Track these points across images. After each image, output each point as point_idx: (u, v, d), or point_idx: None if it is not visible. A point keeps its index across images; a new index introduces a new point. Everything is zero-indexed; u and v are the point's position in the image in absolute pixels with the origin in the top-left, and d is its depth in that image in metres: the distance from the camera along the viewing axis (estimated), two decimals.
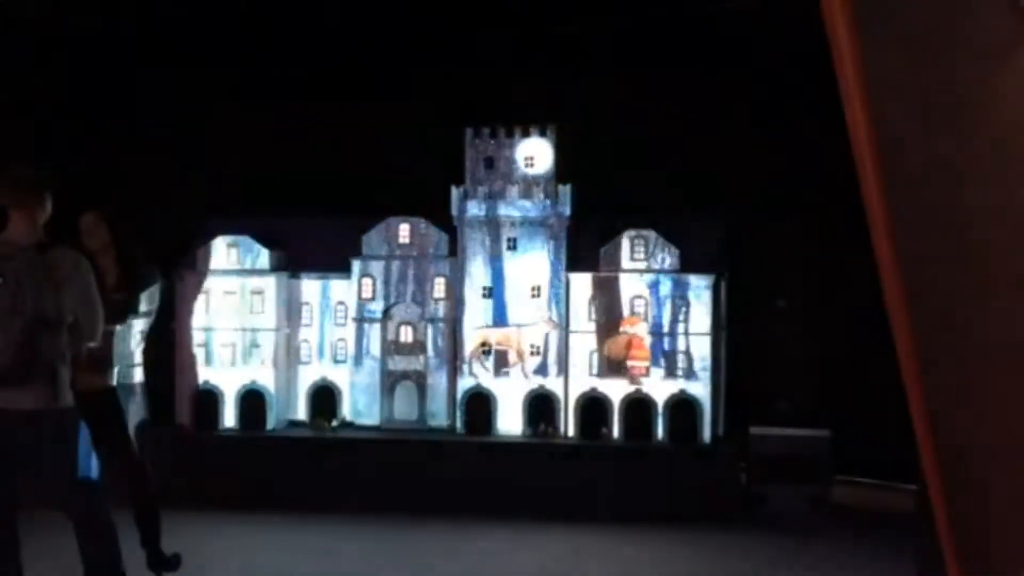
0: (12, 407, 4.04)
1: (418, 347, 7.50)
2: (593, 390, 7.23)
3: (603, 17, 7.58)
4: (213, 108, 8.05)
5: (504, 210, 7.34)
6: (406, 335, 7.52)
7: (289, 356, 7.64)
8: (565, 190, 7.30)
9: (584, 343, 7.26)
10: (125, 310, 4.92)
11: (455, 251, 7.43)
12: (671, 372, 7.12)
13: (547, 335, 7.31)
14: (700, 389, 7.11)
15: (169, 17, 7.74)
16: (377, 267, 7.50)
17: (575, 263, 7.33)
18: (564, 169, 7.37)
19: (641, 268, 7.17)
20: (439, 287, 7.46)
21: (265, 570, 5.84)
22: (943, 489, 2.39)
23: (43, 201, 4.24)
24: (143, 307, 5.06)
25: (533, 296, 7.34)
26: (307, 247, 7.70)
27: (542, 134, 7.34)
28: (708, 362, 7.11)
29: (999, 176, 2.15)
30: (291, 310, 7.64)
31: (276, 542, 6.40)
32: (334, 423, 7.50)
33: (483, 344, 7.38)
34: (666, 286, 7.15)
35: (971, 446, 2.37)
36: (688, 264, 7.16)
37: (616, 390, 7.19)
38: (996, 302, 2.19)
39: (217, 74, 8.08)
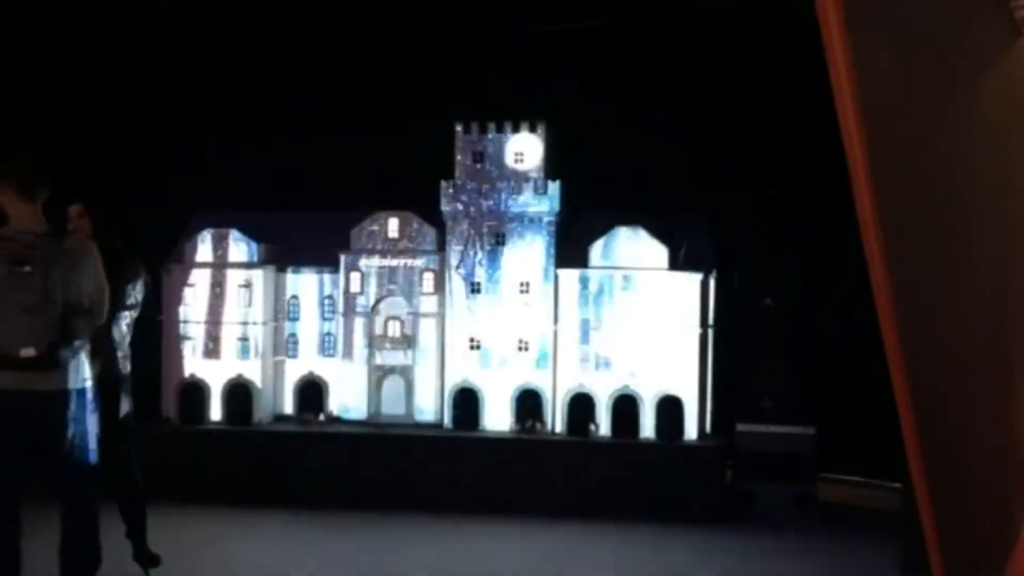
0: (37, 388, 4.11)
1: (406, 342, 7.49)
2: (581, 386, 7.24)
3: (596, 14, 7.57)
4: (202, 102, 8.01)
5: (493, 206, 7.33)
6: (394, 330, 7.51)
7: (276, 350, 7.63)
8: (554, 186, 7.30)
9: (572, 339, 7.27)
10: (112, 303, 4.90)
11: (444, 246, 7.43)
12: (658, 369, 7.13)
13: (535, 330, 7.31)
14: (687, 386, 7.12)
15: (165, 11, 7.72)
16: (365, 261, 7.49)
17: (563, 259, 7.33)
18: (553, 165, 7.37)
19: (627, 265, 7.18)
20: (427, 282, 7.45)
21: (250, 563, 5.83)
22: (928, 487, 2.40)
23: (47, 190, 4.31)
24: (128, 300, 5.05)
25: (522, 292, 7.34)
26: (295, 241, 7.68)
27: (532, 130, 7.34)
28: (695, 359, 7.12)
29: (988, 177, 2.16)
30: (278, 304, 7.63)
31: (261, 536, 6.39)
32: (321, 417, 7.49)
33: (471, 340, 7.38)
34: (655, 283, 7.15)
35: (956, 445, 2.38)
36: (676, 262, 7.18)
37: (604, 386, 7.20)
38: (983, 303, 2.20)
39: (209, 68, 8.05)
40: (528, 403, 7.31)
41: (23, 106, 7.71)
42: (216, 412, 7.44)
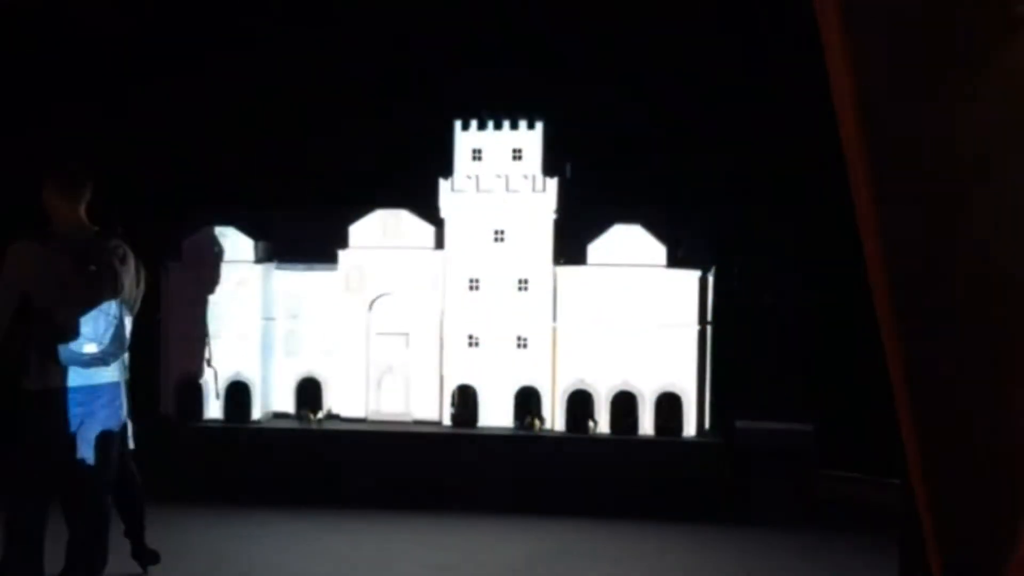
0: (100, 382, 4.38)
1: (404, 339, 7.49)
2: (579, 383, 7.23)
3: (595, 11, 7.57)
4: (200, 99, 8.01)
5: (491, 202, 7.32)
6: (392, 327, 7.50)
7: (274, 347, 7.62)
8: (552, 183, 7.30)
9: (571, 336, 7.26)
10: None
11: (442, 243, 7.42)
12: (657, 366, 7.13)
13: (534, 327, 7.31)
14: (686, 383, 7.12)
15: (161, 9, 7.71)
16: (364, 258, 7.48)
17: (562, 256, 7.33)
18: (552, 162, 7.37)
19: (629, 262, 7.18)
20: (425, 279, 7.44)
21: (249, 561, 5.83)
22: (926, 483, 2.39)
23: (89, 193, 4.50)
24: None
25: (520, 289, 7.34)
26: (294, 238, 7.67)
27: (530, 127, 7.33)
28: (694, 356, 7.12)
29: (988, 176, 2.15)
30: (277, 301, 7.61)
31: (259, 534, 6.39)
32: (319, 415, 7.49)
33: (470, 337, 7.38)
34: (653, 280, 7.15)
35: (955, 441, 2.38)
36: (675, 258, 7.17)
37: (602, 383, 7.19)
38: (983, 301, 2.19)
39: (206, 67, 8.04)
40: (527, 400, 7.31)
41: (28, 107, 7.72)
42: (215, 410, 7.44)
